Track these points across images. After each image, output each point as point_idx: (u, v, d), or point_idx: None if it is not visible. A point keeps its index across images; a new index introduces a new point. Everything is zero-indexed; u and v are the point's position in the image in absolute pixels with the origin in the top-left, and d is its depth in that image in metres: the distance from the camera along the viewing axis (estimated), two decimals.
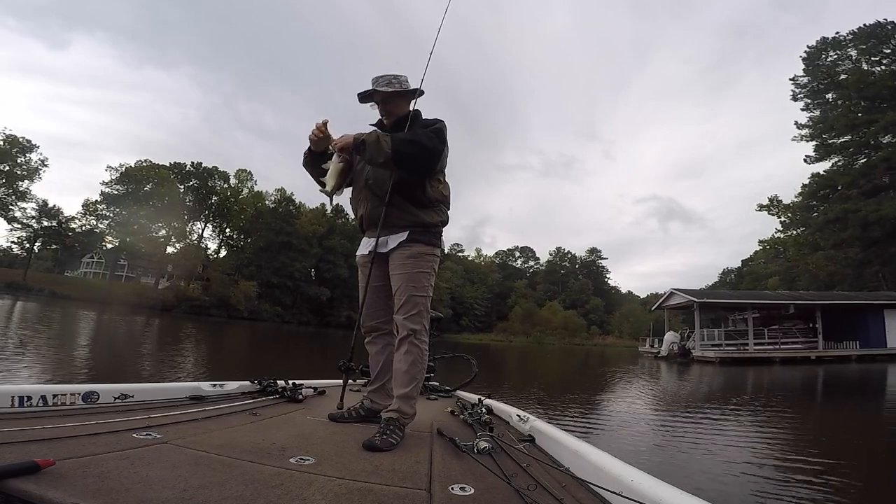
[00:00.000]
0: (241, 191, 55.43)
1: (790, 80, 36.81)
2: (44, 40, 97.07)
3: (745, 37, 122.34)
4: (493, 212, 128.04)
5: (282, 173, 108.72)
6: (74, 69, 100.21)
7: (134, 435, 1.44)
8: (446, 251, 70.44)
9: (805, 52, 35.95)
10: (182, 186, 52.56)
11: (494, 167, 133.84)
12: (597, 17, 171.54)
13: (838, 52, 34.73)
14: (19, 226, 46.75)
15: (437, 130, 1.92)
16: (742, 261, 63.32)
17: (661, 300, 29.77)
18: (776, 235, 45.39)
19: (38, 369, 6.24)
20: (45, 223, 47.87)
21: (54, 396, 1.77)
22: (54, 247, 51.90)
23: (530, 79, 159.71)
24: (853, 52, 34.05)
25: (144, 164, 50.11)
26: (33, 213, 46.79)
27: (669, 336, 25.89)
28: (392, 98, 2.03)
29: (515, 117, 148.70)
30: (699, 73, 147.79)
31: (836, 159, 35.45)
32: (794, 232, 40.57)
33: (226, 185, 54.75)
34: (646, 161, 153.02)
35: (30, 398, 1.70)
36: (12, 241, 48.91)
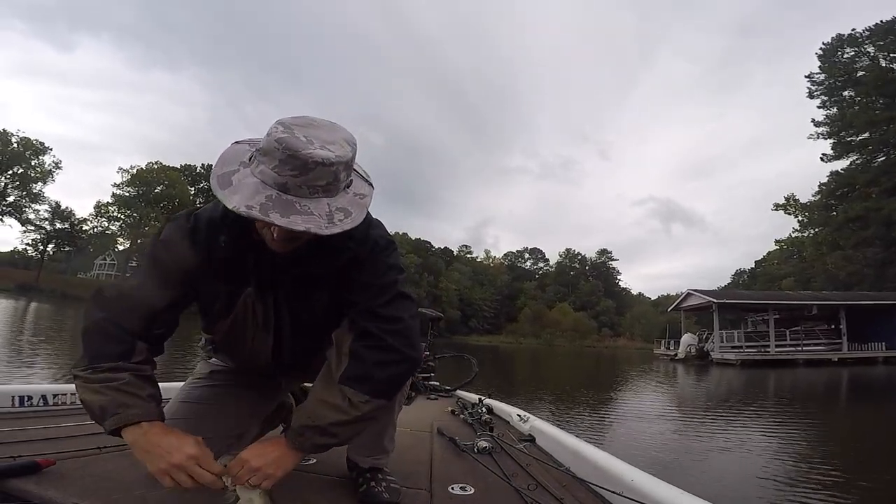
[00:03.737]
0: None
1: (805, 77, 36.11)
2: (50, 42, 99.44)
3: (751, 35, 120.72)
4: (495, 212, 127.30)
5: None
6: (82, 71, 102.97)
7: None
8: (455, 252, 70.59)
9: (820, 48, 35.31)
10: (192, 189, 53.31)
11: (497, 167, 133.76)
12: (598, 15, 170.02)
13: (855, 49, 34.01)
14: (32, 228, 47.67)
15: (403, 330, 0.96)
16: (755, 261, 62.20)
17: (677, 301, 29.21)
18: (793, 235, 44.68)
19: (41, 369, 6.31)
20: (58, 225, 48.70)
21: (54, 396, 1.79)
22: (67, 249, 52.71)
23: (533, 80, 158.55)
24: (871, 49, 33.35)
25: (155, 165, 51.01)
26: (46, 214, 47.68)
27: (687, 338, 25.38)
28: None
29: (518, 118, 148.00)
30: (706, 73, 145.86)
31: (855, 157, 34.68)
32: (812, 231, 39.82)
33: None
34: (653, 161, 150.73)
35: (30, 398, 1.72)
36: (26, 244, 49.92)
